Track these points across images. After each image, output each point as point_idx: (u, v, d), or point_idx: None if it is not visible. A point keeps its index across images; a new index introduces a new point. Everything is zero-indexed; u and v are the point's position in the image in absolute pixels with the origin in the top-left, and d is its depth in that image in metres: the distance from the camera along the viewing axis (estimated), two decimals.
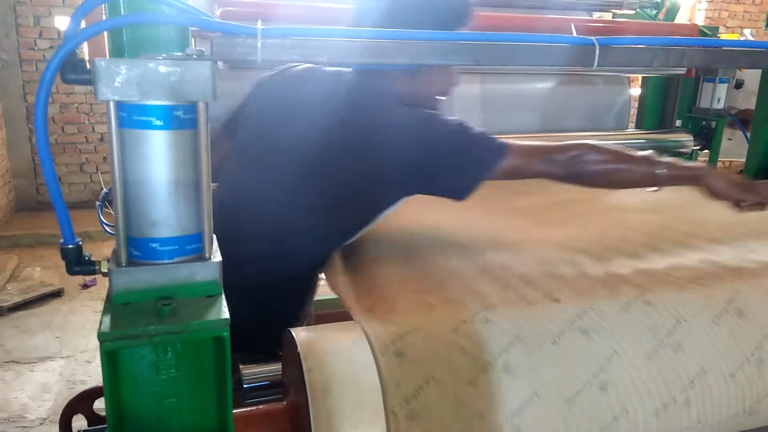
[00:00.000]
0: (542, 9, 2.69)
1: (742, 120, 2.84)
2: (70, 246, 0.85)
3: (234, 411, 0.93)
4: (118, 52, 0.96)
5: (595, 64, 1.00)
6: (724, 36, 3.18)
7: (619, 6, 2.80)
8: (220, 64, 1.55)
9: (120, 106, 0.78)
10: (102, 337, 0.75)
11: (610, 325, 1.01)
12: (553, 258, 1.26)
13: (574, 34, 1.02)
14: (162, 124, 0.79)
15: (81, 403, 1.22)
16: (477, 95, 2.63)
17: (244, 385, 1.26)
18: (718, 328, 1.02)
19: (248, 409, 0.98)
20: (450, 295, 1.07)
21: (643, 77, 2.95)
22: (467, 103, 2.60)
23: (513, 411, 0.90)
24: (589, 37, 0.99)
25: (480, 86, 2.63)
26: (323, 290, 1.38)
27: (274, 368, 1.21)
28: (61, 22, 5.67)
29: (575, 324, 1.00)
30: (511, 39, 0.98)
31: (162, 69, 0.76)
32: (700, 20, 6.88)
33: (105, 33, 0.94)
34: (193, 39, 1.72)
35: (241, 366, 1.29)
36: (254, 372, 1.27)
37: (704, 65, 1.04)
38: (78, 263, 0.86)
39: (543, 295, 1.07)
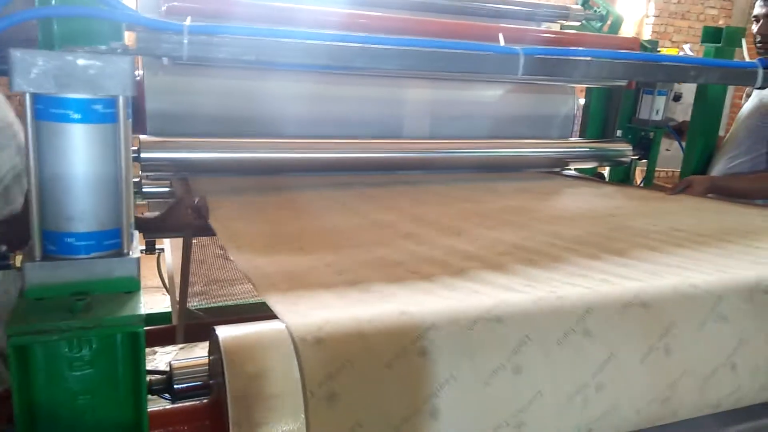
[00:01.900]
0: (495, 18, 2.74)
1: (678, 131, 2.96)
2: None
3: (153, 409, 0.93)
4: (48, 44, 0.95)
5: (520, 72, 1.03)
6: (663, 51, 3.31)
7: (566, 17, 2.89)
8: (165, 59, 1.53)
9: (37, 98, 0.77)
10: (11, 331, 0.74)
11: (545, 359, 1.00)
12: (505, 263, 1.28)
13: (502, 44, 1.05)
14: (80, 117, 0.78)
15: (1, 405, 1.18)
16: (427, 101, 2.67)
17: (175, 386, 1.25)
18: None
19: (167, 407, 0.98)
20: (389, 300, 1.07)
21: (587, 88, 3.04)
22: (417, 108, 2.64)
23: None
24: (515, 47, 1.02)
25: (430, 91, 2.67)
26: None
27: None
28: None
29: (513, 359, 0.98)
30: (440, 46, 1.00)
31: (80, 62, 0.76)
32: (647, 34, 7.13)
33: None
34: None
35: (172, 363, 1.28)
36: (185, 371, 1.26)
37: (623, 77, 1.09)
38: None
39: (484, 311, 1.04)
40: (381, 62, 0.96)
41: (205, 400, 1.03)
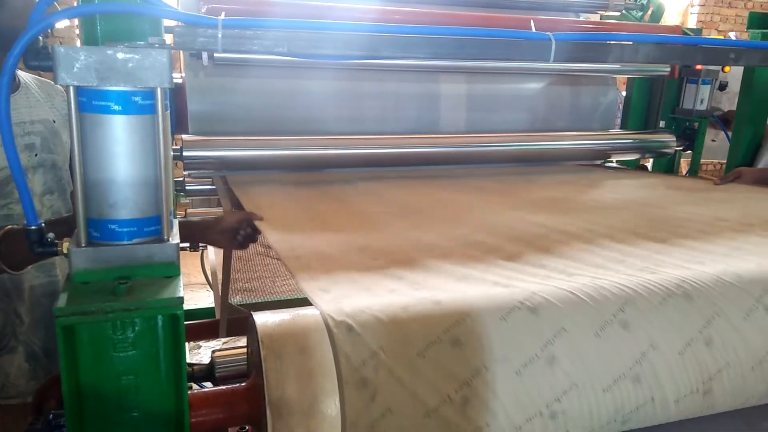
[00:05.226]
0: (530, 10, 2.72)
1: (724, 121, 2.87)
2: (33, 227, 0.88)
3: (193, 392, 0.96)
4: (92, 41, 0.99)
5: (551, 58, 1.02)
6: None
7: (605, 8, 2.83)
8: (204, 59, 1.57)
9: (80, 91, 0.81)
10: (58, 312, 0.78)
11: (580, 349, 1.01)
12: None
13: (533, 30, 1.05)
14: (120, 108, 0.82)
15: (53, 388, 1.24)
16: (462, 94, 2.66)
17: (216, 374, 1.29)
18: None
19: (207, 389, 1.01)
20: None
21: (628, 79, 2.98)
22: (452, 102, 2.64)
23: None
24: (546, 33, 1.02)
25: (465, 86, 2.66)
26: None
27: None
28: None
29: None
30: (470, 34, 1.00)
31: (120, 56, 0.79)
32: (692, 24, 6.91)
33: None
34: None
35: (213, 353, 1.32)
36: (226, 360, 1.30)
37: (659, 60, 1.06)
38: (41, 244, 0.89)
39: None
40: (411, 50, 0.97)
41: (242, 384, 1.06)
